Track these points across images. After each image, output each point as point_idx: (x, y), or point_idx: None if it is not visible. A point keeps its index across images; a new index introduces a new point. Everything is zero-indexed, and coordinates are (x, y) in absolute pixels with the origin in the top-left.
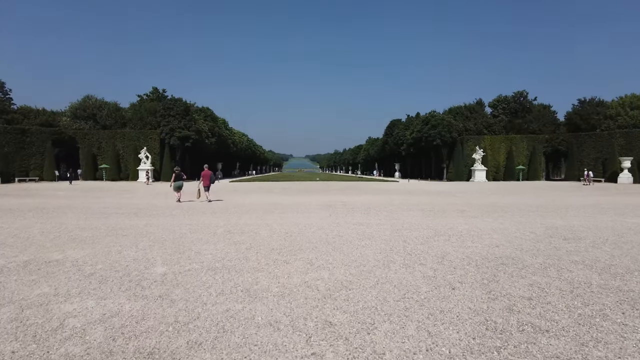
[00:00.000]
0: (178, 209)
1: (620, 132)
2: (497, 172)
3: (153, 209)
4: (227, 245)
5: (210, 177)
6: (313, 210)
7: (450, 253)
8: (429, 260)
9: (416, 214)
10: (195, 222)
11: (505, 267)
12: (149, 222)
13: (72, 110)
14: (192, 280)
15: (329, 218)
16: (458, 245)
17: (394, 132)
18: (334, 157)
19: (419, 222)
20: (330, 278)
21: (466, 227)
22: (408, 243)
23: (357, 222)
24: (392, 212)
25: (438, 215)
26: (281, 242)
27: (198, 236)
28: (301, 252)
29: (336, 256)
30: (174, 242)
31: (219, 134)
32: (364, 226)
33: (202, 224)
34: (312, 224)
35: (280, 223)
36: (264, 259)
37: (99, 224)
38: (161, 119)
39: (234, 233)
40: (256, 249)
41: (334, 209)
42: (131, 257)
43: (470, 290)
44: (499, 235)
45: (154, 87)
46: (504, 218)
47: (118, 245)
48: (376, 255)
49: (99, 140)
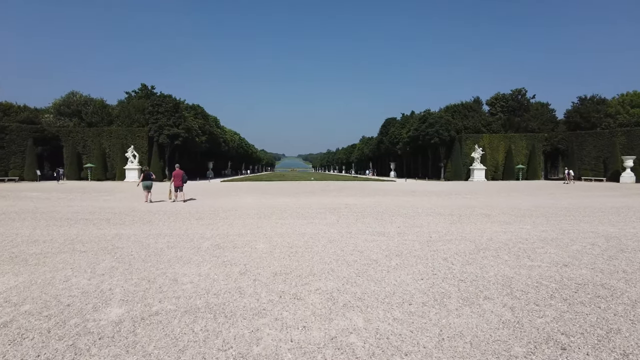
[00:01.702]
0: (159, 214)
1: (621, 131)
2: (496, 171)
3: (130, 214)
4: (214, 268)
5: (182, 177)
6: (316, 215)
7: (514, 278)
8: (492, 290)
9: (437, 219)
10: (176, 231)
11: (604, 302)
12: (119, 232)
13: (55, 107)
14: (157, 336)
15: (337, 225)
16: (515, 265)
17: (389, 131)
18: (326, 157)
19: (448, 231)
20: (368, 329)
21: (506, 236)
22: (451, 262)
23: (374, 230)
24: (408, 217)
25: (463, 220)
26: (285, 261)
27: (177, 253)
28: (315, 279)
29: (365, 286)
30: (144, 263)
31: (210, 132)
32: (384, 237)
33: (184, 234)
34: (320, 234)
35: (280, 232)
36: (265, 291)
37: (57, 234)
38: (149, 116)
39: (223, 248)
40: (253, 274)
41: (339, 213)
42: (80, 288)
43: (592, 351)
44: (553, 248)
45: (142, 84)
46: (542, 224)
47: (69, 268)
48: (418, 283)
49: (84, 138)
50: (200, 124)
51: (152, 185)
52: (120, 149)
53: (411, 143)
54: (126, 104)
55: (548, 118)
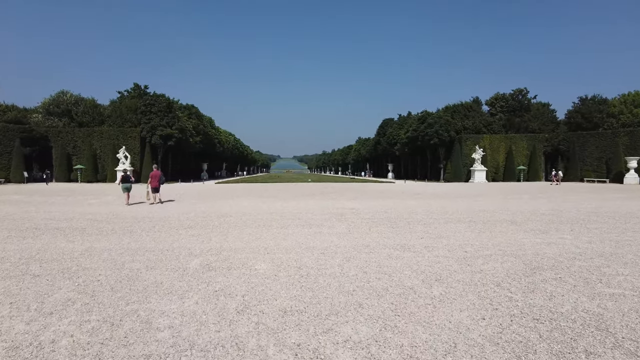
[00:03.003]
0: (144, 222)
1: (624, 131)
2: (497, 173)
3: (111, 222)
4: (202, 301)
5: (159, 178)
6: (322, 222)
7: (603, 315)
8: (587, 337)
9: (460, 227)
10: (160, 244)
11: None
12: (92, 246)
13: (45, 106)
14: None
15: (349, 236)
16: (591, 293)
17: (387, 132)
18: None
19: (481, 243)
20: None
21: (552, 250)
22: (508, 290)
23: (395, 243)
24: (426, 224)
25: (491, 229)
26: (296, 290)
27: (157, 276)
28: (340, 321)
29: (412, 332)
30: (112, 293)
31: (205, 132)
32: (410, 252)
33: (169, 249)
34: (332, 248)
35: (284, 247)
36: (272, 343)
37: (14, 249)
38: (142, 116)
39: (215, 269)
40: (255, 312)
41: (348, 220)
42: (9, 340)
43: None
44: (621, 266)
45: (135, 84)
46: (582, 233)
47: (8, 303)
48: (481, 325)
49: (74, 138)
50: (194, 124)
51: (132, 187)
52: (111, 150)
53: (410, 144)
54: (118, 103)
55: (549, 118)
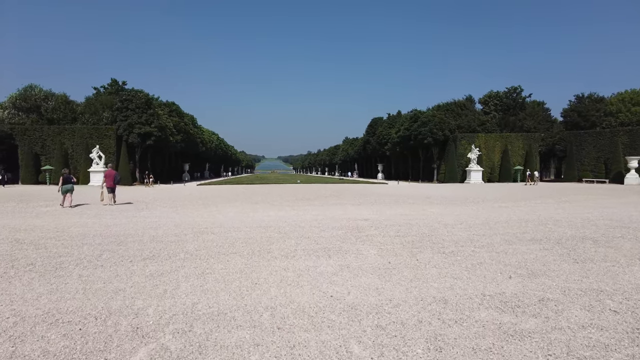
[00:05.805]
0: (89, 246)
1: (623, 130)
2: (492, 173)
3: (49, 243)
4: None
5: (114, 178)
6: (341, 245)
7: None
8: None
9: (546, 253)
10: (88, 302)
11: None
12: None
13: (11, 101)
14: None
15: (394, 274)
16: None
17: (377, 131)
18: (308, 158)
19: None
20: None
21: None
22: None
23: (478, 292)
24: (488, 247)
25: (592, 257)
26: None
27: None
28: None
29: None
30: None
31: (186, 131)
32: (531, 318)
33: (100, 313)
34: (386, 310)
35: (302, 306)
36: None
37: None
38: (118, 113)
39: None
40: None
41: (373, 240)
42: None
43: None
44: None
45: (112, 79)
46: None
47: None
48: None
49: (42, 137)
50: (175, 122)
51: (74, 188)
52: (84, 149)
53: (401, 143)
54: (93, 99)
55: (544, 117)
